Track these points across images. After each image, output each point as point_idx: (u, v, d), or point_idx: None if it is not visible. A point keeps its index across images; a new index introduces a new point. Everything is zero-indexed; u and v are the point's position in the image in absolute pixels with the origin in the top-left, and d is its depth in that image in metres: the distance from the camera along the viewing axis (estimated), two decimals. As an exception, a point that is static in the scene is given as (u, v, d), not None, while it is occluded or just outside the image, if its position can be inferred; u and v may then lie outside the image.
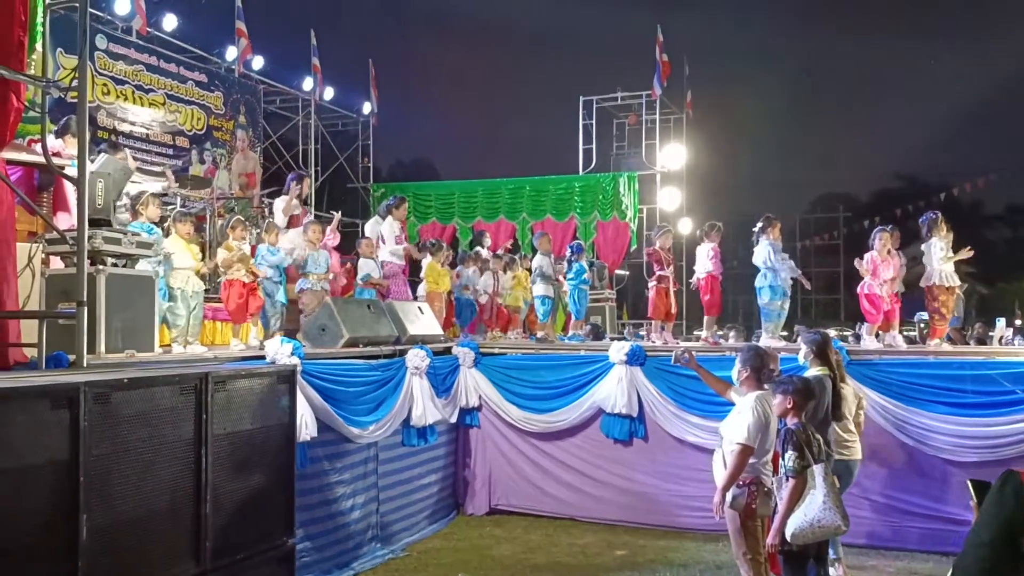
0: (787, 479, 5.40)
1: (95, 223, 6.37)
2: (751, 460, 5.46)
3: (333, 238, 10.30)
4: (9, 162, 6.52)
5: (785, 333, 9.96)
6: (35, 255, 6.36)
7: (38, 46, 6.28)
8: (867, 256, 9.16)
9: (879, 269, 9.07)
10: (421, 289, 11.28)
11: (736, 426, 5.51)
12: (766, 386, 5.67)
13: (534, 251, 12.36)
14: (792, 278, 9.27)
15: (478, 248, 12.87)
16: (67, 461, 4.03)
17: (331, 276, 9.79)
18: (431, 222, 19.39)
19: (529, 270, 12.26)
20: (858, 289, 9.27)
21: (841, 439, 6.90)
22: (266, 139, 18.11)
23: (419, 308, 10.05)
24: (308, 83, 18.44)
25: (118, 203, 7.03)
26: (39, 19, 6.21)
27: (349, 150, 20.66)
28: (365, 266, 10.36)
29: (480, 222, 18.84)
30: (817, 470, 5.42)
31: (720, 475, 5.59)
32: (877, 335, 9.18)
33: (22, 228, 6.93)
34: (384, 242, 10.55)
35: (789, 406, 5.54)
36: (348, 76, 21.65)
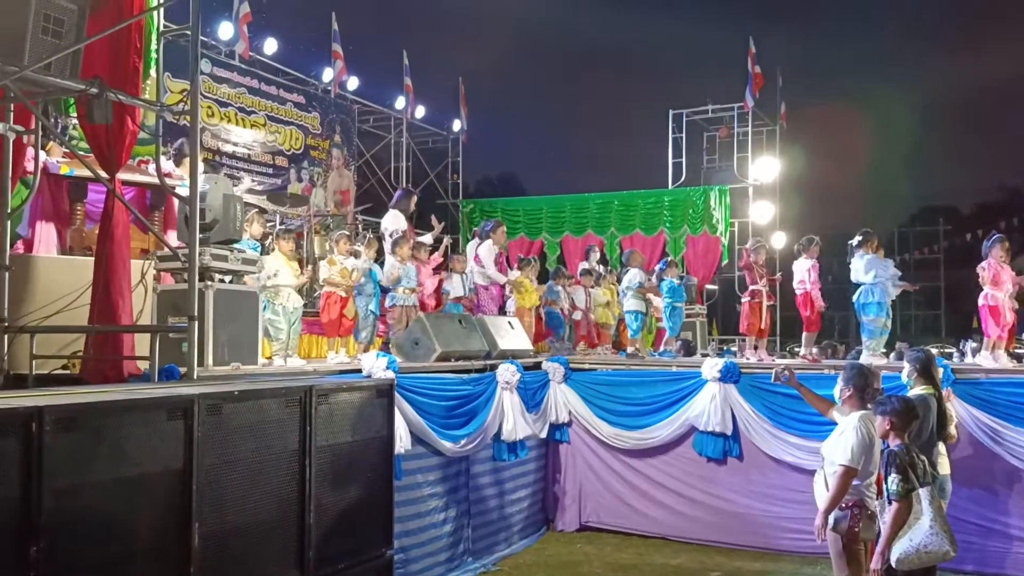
0: (890, 502, 5.24)
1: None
2: (854, 482, 5.32)
3: (433, 261, 10.59)
4: (124, 183, 6.83)
5: (884, 350, 9.64)
6: (147, 271, 6.64)
7: (152, 72, 6.61)
8: (985, 264, 8.57)
9: (1000, 277, 8.46)
10: (510, 304, 11.36)
11: (839, 447, 5.38)
12: (869, 406, 5.53)
13: (622, 266, 12.26)
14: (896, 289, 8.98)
15: (586, 262, 12.81)
16: (181, 470, 4.20)
17: (420, 290, 9.96)
18: (519, 237, 19.44)
19: (616, 285, 12.16)
20: (979, 300, 8.63)
21: None
22: (360, 157, 18.50)
23: (509, 323, 10.12)
24: (400, 102, 18.78)
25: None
26: (153, 46, 6.54)
27: (439, 167, 20.93)
28: (450, 281, 10.51)
29: (568, 237, 18.84)
30: (923, 493, 5.26)
31: (822, 497, 5.46)
32: (993, 349, 8.49)
33: (135, 246, 7.23)
34: (483, 265, 10.82)
35: (888, 427, 5.39)
36: (438, 94, 21.94)
